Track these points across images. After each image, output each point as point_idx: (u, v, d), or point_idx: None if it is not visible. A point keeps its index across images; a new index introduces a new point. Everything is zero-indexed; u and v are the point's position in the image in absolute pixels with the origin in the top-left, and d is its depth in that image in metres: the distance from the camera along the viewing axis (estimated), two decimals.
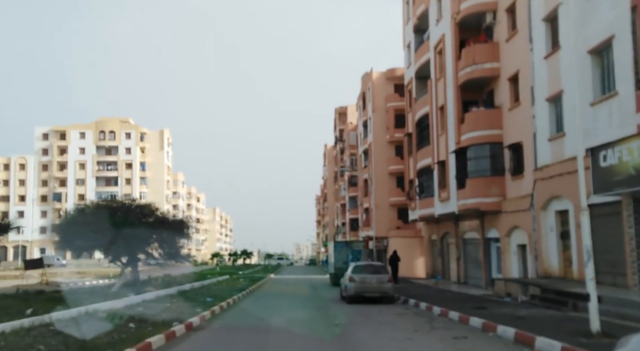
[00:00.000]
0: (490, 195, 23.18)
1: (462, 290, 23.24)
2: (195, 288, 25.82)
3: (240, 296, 21.86)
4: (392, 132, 46.52)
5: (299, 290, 26.63)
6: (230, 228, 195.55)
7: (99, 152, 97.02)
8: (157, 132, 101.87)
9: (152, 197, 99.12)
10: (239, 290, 24.81)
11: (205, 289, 25.82)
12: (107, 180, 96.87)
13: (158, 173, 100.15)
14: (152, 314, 13.56)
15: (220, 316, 15.22)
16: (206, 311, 14.87)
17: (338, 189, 79.96)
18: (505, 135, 22.84)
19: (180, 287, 24.24)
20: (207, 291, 23.61)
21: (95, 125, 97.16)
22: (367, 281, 18.74)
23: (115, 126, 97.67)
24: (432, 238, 34.30)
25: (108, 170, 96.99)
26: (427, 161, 30.34)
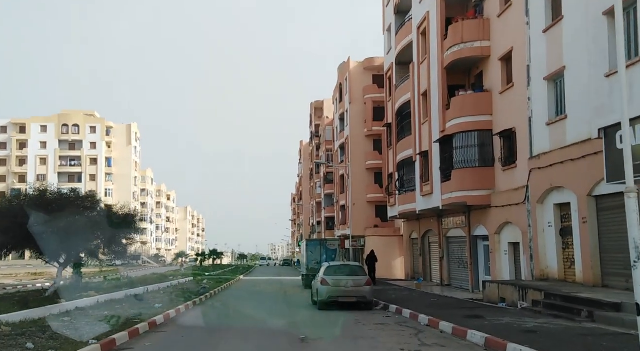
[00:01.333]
0: (479, 187, 20.94)
1: (447, 294, 20.96)
2: (149, 291, 22.98)
3: (198, 301, 19.15)
4: (370, 126, 44.20)
5: (266, 293, 24.01)
6: (202, 228, 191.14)
7: (61, 146, 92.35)
8: (124, 126, 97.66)
9: (119, 194, 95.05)
10: (198, 294, 22.10)
11: (161, 292, 23.02)
12: (70, 176, 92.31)
13: (125, 169, 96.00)
14: (74, 327, 10.81)
15: (163, 326, 12.51)
16: (147, 319, 12.16)
17: (313, 187, 77.39)
18: (495, 121, 20.63)
19: (132, 291, 21.41)
20: (162, 296, 20.85)
21: (57, 118, 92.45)
22: (342, 284, 16.25)
23: (79, 119, 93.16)
24: (413, 236, 32.05)
25: (71, 166, 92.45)
26: (408, 153, 28.04)
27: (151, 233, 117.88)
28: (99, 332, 10.20)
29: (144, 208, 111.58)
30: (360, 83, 46.67)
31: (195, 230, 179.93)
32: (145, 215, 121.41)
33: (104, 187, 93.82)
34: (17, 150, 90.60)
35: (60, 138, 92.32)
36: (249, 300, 20.68)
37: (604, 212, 14.28)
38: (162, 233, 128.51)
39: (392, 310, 15.65)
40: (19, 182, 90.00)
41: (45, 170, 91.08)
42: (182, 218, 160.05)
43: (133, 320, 12.23)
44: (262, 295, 23.17)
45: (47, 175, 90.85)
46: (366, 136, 45.37)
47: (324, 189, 66.05)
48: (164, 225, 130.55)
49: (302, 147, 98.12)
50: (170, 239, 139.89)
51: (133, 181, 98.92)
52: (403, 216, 30.72)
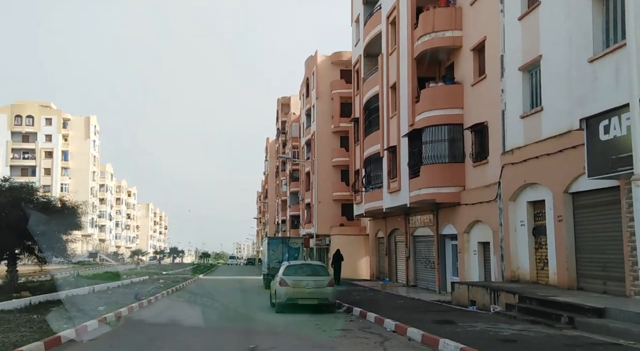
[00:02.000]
0: (448, 184, 20.02)
1: (413, 295, 19.95)
2: (95, 291, 21.17)
3: (145, 303, 17.53)
4: (337, 122, 43.05)
5: (223, 294, 22.50)
6: (165, 226, 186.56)
7: (14, 138, 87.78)
8: (83, 119, 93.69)
9: (75, 189, 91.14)
10: (148, 294, 20.46)
11: (108, 292, 21.23)
12: (23, 170, 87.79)
13: (83, 163, 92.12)
14: None
15: (95, 332, 10.96)
16: (77, 326, 10.58)
17: (279, 184, 75.88)
18: (466, 115, 19.74)
19: (73, 291, 19.60)
20: (109, 296, 19.14)
21: (10, 108, 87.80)
22: (303, 284, 14.97)
23: (34, 110, 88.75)
24: (379, 235, 31.06)
25: (25, 159, 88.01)
26: (375, 148, 26.99)
27: (110, 230, 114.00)
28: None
29: (102, 204, 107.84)
30: (328, 78, 45.50)
31: (157, 227, 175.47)
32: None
33: (60, 181, 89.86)
34: None
35: (13, 130, 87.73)
36: (202, 301, 19.16)
37: (580, 209, 13.46)
38: (122, 230, 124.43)
39: (355, 313, 14.46)
40: None
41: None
42: (143, 215, 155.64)
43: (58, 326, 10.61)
44: (217, 295, 21.67)
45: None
46: (333, 132, 44.24)
47: (289, 187, 64.67)
48: (124, 222, 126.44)
49: (268, 144, 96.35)
50: (130, 236, 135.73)
51: (91, 176, 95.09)
52: (369, 214, 29.69)
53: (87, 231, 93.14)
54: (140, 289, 23.15)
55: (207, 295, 22.86)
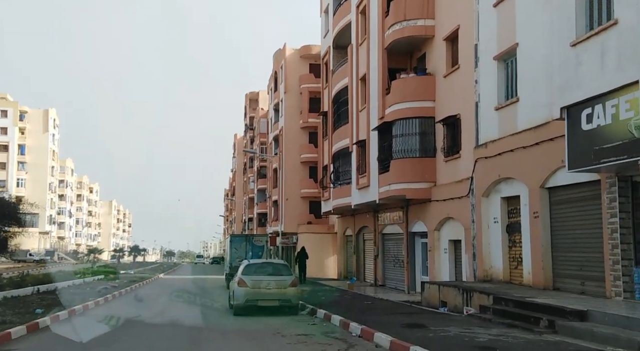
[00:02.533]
0: (419, 179, 19.20)
1: (382, 295, 19.06)
2: (40, 292, 19.52)
3: (92, 305, 16.07)
4: (305, 117, 41.94)
5: (181, 294, 21.13)
6: (129, 223, 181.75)
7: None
8: (41, 112, 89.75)
9: (33, 185, 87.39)
10: (99, 294, 18.99)
11: (55, 293, 19.60)
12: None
13: (40, 158, 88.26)
14: None
15: (21, 340, 9.59)
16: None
17: (247, 181, 74.34)
18: (438, 107, 18.96)
19: (14, 292, 18.01)
20: (53, 297, 17.60)
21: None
22: (263, 285, 13.83)
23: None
24: (347, 233, 30.16)
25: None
26: (344, 142, 26.03)
27: (70, 227, 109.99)
28: None
29: (62, 200, 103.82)
30: (297, 72, 44.36)
31: (120, 225, 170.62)
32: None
33: (16, 176, 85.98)
34: None
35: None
36: (156, 303, 17.79)
37: (558, 205, 12.76)
38: (83, 227, 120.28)
39: (320, 315, 13.42)
40: None
41: None
42: (106, 213, 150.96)
43: None
44: (175, 296, 20.30)
45: None
46: (301, 128, 43.12)
47: (257, 184, 63.27)
48: (85, 219, 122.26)
49: (236, 140, 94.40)
50: (92, 234, 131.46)
51: (49, 171, 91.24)
52: (337, 211, 28.73)
53: (44, 228, 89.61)
54: (90, 289, 21.60)
55: (165, 295, 21.49)
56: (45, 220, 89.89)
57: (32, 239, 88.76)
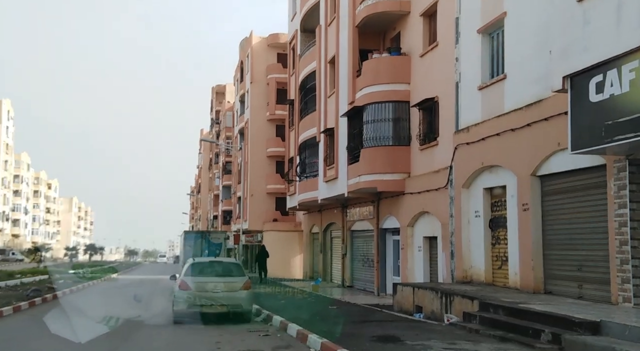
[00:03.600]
0: (391, 170, 17.40)
1: (349, 298, 17.19)
2: None
3: (8, 311, 13.64)
4: (272, 109, 39.85)
5: (126, 297, 18.74)
6: (90, 221, 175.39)
7: None
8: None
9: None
10: (27, 297, 16.48)
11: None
12: None
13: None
14: None
15: None
16: None
17: (212, 178, 71.68)
18: (414, 90, 17.19)
19: None
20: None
21: None
22: (209, 287, 11.71)
23: None
24: (314, 230, 28.21)
25: None
26: (311, 131, 24.07)
27: (25, 224, 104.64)
28: None
29: (17, 196, 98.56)
30: (264, 61, 42.19)
31: (82, 223, 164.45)
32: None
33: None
34: None
35: None
36: (92, 307, 15.41)
37: (551, 196, 11.08)
38: (40, 225, 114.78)
39: (275, 323, 11.41)
40: None
41: None
42: (66, 210, 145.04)
43: None
44: (118, 299, 17.94)
45: None
46: (268, 120, 40.96)
47: (222, 180, 60.76)
48: (42, 217, 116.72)
49: (202, 136, 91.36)
50: (50, 232, 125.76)
51: (2, 165, 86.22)
52: (303, 207, 26.75)
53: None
54: (22, 292, 18.90)
55: (107, 297, 19.09)
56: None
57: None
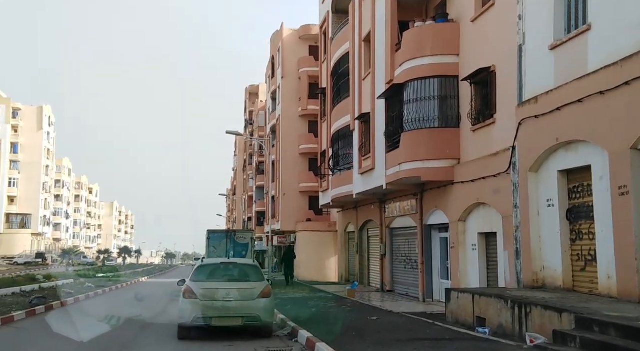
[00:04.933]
0: (438, 156, 14.92)
1: (390, 306, 14.78)
2: None
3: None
4: (305, 104, 37.74)
5: (139, 304, 16.93)
6: (131, 225, 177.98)
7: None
8: (35, 109, 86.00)
9: (26, 184, 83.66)
10: (30, 305, 14.83)
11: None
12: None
13: (34, 157, 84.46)
14: None
15: None
16: None
17: (246, 179, 70.40)
18: (464, 62, 14.66)
19: None
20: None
21: None
22: (220, 295, 9.55)
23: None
24: (349, 229, 25.87)
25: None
26: (345, 120, 21.76)
27: (67, 228, 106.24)
28: None
29: (58, 201, 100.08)
30: (295, 55, 40.13)
31: (122, 227, 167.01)
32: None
33: (8, 175, 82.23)
34: None
35: None
36: (96, 316, 13.56)
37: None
38: (81, 229, 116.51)
39: (301, 340, 9.18)
40: None
41: None
42: (107, 214, 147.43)
43: None
44: (126, 307, 16.05)
45: None
46: (300, 116, 38.89)
47: (255, 181, 59.21)
48: (83, 221, 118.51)
49: (237, 138, 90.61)
50: (91, 236, 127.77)
51: (44, 170, 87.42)
52: (337, 203, 24.43)
53: (37, 229, 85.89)
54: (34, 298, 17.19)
55: (122, 305, 17.31)
56: (38, 221, 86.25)
57: (25, 241, 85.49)
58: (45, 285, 23.86)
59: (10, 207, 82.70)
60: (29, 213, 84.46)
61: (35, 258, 75.13)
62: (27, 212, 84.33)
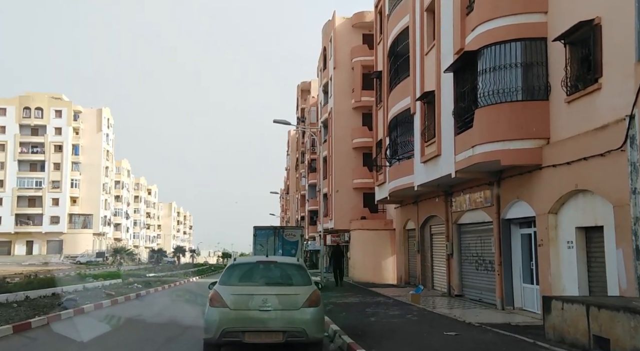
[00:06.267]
0: (522, 136, 12.34)
1: (462, 314, 12.38)
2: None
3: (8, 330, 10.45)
4: (358, 95, 35.56)
5: (173, 308, 15.29)
6: (190, 225, 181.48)
7: (22, 131, 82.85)
8: (95, 111, 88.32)
9: (87, 185, 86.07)
10: (50, 307, 13.49)
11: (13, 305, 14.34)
12: (31, 165, 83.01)
13: (95, 158, 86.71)
14: None
15: None
16: None
17: (299, 178, 69.08)
18: (554, 19, 12.03)
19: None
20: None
21: (19, 100, 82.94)
22: (254, 304, 7.50)
23: (43, 102, 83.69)
24: (408, 226, 23.45)
25: (33, 153, 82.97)
26: (404, 103, 19.40)
27: (127, 228, 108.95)
28: None
29: (118, 201, 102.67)
30: (348, 44, 37.98)
31: (181, 227, 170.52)
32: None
33: (70, 177, 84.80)
34: None
35: (21, 123, 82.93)
36: (112, 326, 11.89)
37: None
38: (141, 229, 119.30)
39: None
40: None
41: (4, 157, 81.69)
42: (166, 215, 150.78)
43: None
44: (154, 314, 14.36)
45: (6, 163, 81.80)
46: (354, 109, 36.71)
47: (308, 179, 57.64)
48: (143, 221, 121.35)
49: (289, 137, 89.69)
50: (150, 236, 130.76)
51: (103, 171, 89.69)
52: (395, 197, 22.06)
53: (98, 229, 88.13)
54: (65, 300, 15.87)
55: (142, 309, 15.73)
56: (99, 221, 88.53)
57: (87, 241, 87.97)
58: (90, 285, 22.90)
59: (73, 208, 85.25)
60: (90, 214, 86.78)
61: (96, 258, 77.05)
62: (89, 212, 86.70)
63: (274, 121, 23.22)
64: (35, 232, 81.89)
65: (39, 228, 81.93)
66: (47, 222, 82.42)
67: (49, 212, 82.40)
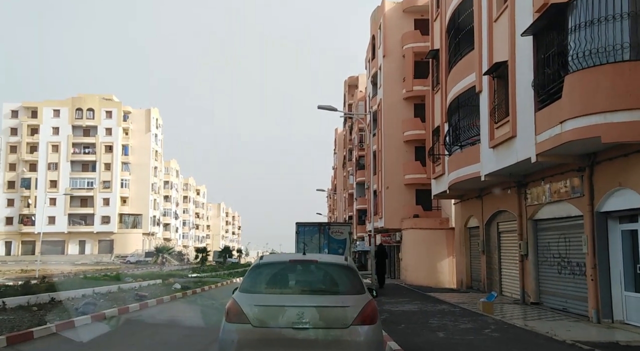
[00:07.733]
0: (627, 105, 9.69)
1: (551, 329, 9.85)
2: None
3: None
4: (410, 85, 33.00)
5: (196, 320, 13.46)
6: (238, 226, 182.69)
7: (75, 132, 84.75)
8: (143, 112, 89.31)
9: (136, 185, 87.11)
10: (79, 313, 11.92)
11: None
12: (83, 165, 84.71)
13: (144, 158, 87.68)
14: None
15: None
16: None
17: (346, 176, 66.97)
18: None
19: None
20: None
21: (71, 101, 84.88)
22: (286, 319, 5.32)
23: (94, 103, 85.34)
24: (470, 224, 20.81)
25: (85, 154, 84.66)
26: (467, 81, 16.88)
27: (176, 229, 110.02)
28: None
29: (167, 202, 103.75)
30: (398, 30, 35.41)
31: (229, 227, 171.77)
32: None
33: (120, 177, 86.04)
34: (28, 136, 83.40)
35: (73, 124, 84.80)
36: (140, 338, 10.14)
37: None
38: (190, 229, 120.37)
39: None
40: (29, 171, 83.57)
41: (57, 158, 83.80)
42: (215, 215, 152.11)
43: None
44: (189, 320, 12.61)
45: (59, 163, 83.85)
46: (405, 99, 34.17)
47: (355, 177, 55.43)
48: (192, 221, 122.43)
49: (336, 135, 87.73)
50: (200, 236, 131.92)
51: (152, 171, 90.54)
52: (455, 190, 19.52)
53: (148, 229, 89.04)
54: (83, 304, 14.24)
55: (176, 313, 13.98)
56: (148, 221, 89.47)
57: (137, 240, 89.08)
58: (126, 285, 21.57)
59: (123, 208, 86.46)
60: (140, 214, 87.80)
61: (145, 257, 77.58)
62: (138, 212, 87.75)
63: (318, 107, 21.18)
64: (87, 232, 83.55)
65: (90, 228, 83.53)
66: (99, 221, 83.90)
67: (100, 211, 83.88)
